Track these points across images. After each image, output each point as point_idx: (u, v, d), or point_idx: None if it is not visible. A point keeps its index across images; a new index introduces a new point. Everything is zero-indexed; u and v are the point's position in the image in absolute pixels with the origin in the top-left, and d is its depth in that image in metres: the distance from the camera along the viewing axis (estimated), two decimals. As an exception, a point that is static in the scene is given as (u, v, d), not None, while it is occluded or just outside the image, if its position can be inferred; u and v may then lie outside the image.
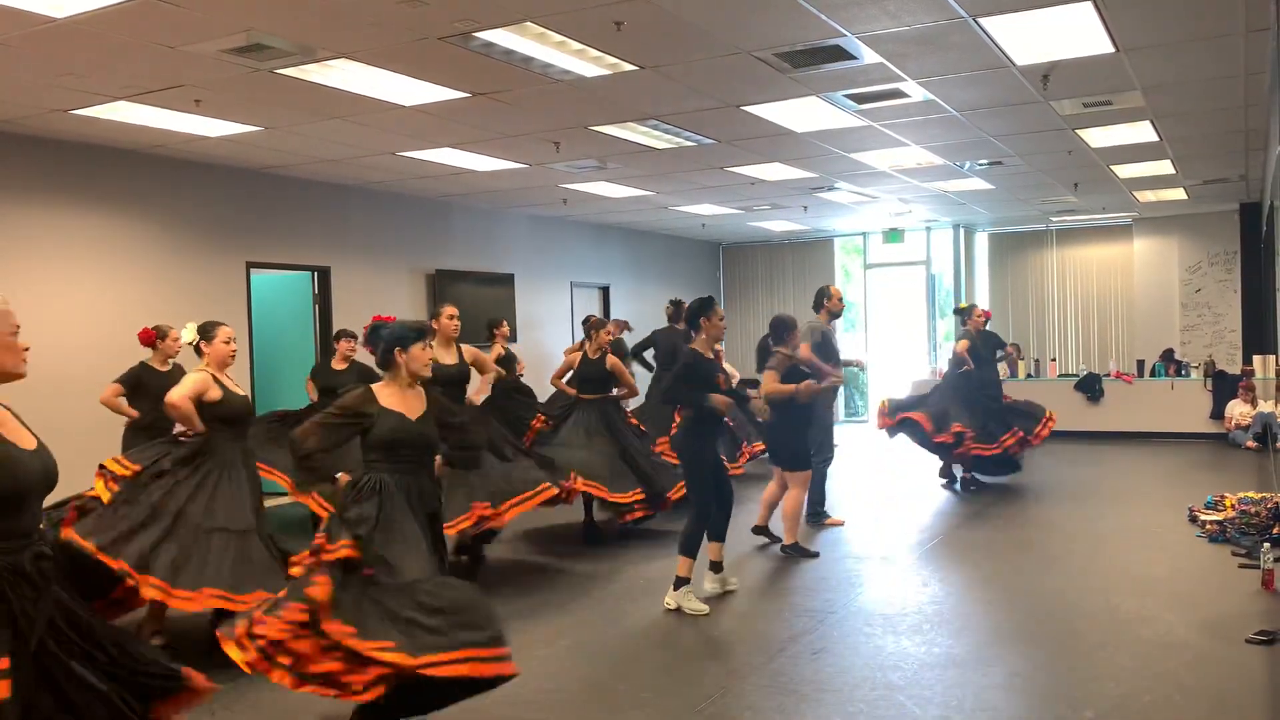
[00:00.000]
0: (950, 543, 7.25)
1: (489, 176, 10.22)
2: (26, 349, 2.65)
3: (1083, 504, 8.48)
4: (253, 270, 9.68)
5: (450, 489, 5.33)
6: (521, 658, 4.45)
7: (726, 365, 7.81)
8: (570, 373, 7.89)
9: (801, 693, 4.32)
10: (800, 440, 6.86)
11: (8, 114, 7.17)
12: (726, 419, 6.68)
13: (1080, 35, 6.07)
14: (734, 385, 7.20)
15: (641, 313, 14.42)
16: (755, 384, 7.42)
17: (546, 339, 13.51)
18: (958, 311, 10.04)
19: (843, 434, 12.09)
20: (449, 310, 6.55)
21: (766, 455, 8.01)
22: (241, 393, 5.28)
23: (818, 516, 7.91)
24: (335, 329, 10.24)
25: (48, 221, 7.95)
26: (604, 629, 5.33)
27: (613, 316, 11.79)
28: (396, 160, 9.33)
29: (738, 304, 17.90)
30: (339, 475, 4.02)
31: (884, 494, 8.81)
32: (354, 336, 8.17)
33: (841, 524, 7.90)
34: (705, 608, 5.56)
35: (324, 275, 10.44)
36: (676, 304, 9.80)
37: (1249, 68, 6.85)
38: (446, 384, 6.24)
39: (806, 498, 7.10)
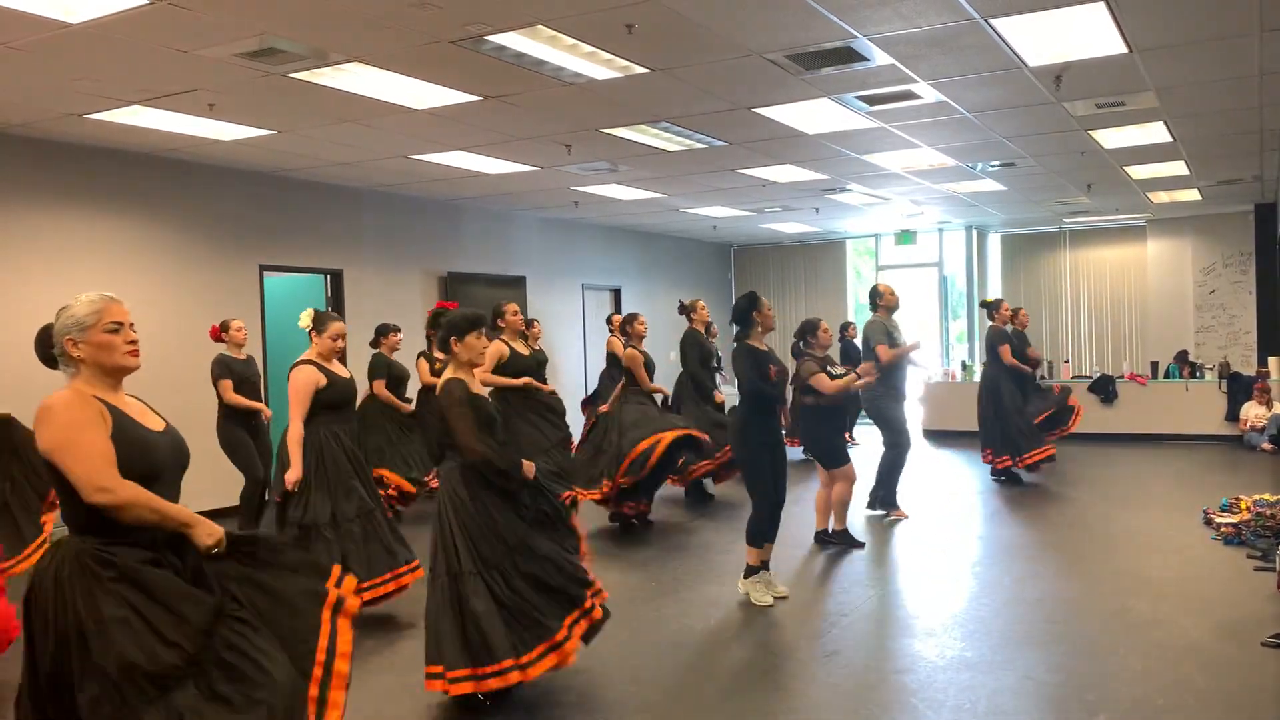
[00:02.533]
0: (964, 545, 7.22)
1: (501, 179, 10.24)
2: (133, 341, 2.76)
3: (1096, 506, 8.45)
4: (266, 273, 9.72)
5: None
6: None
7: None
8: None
9: (815, 695, 4.31)
10: (835, 438, 6.98)
11: (22, 118, 7.22)
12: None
13: (1093, 36, 6.04)
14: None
15: (653, 314, 14.43)
16: None
17: (557, 341, 13.52)
18: (984, 305, 10.07)
19: (859, 435, 12.08)
20: (511, 307, 7.07)
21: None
22: (347, 375, 5.49)
23: (889, 504, 8.14)
24: (347, 328, 10.30)
25: (62, 225, 8.00)
26: (614, 630, 5.32)
27: (614, 315, 11.82)
28: (409, 163, 9.36)
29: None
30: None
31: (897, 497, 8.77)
32: (399, 330, 8.62)
33: (906, 516, 8.08)
34: (769, 600, 5.65)
35: (337, 278, 10.48)
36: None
37: (1264, 68, 6.82)
38: (526, 375, 7.08)
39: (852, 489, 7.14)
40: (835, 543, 7.04)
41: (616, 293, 15.11)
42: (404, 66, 6.24)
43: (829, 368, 6.85)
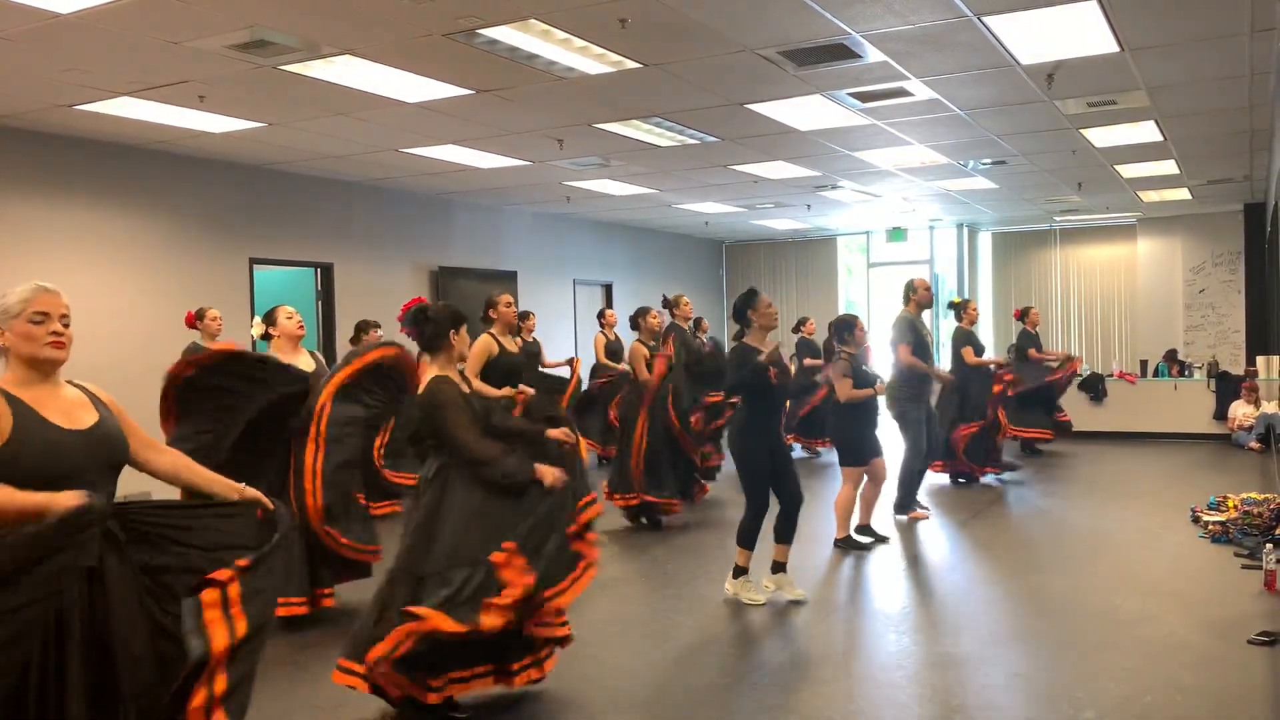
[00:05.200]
0: (952, 541, 7.24)
1: (492, 173, 10.22)
2: (55, 333, 2.63)
3: (1085, 504, 8.48)
4: (256, 266, 9.69)
5: None
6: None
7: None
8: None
9: (802, 691, 4.32)
10: (856, 436, 6.81)
11: (11, 109, 7.18)
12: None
13: (1085, 34, 6.06)
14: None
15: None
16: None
17: (548, 336, 13.49)
18: (951, 305, 9.98)
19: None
20: (505, 298, 6.62)
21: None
22: (310, 369, 5.33)
23: (906, 507, 7.96)
24: (338, 324, 10.29)
25: (51, 217, 7.96)
26: (605, 625, 5.33)
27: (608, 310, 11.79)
28: (400, 157, 9.33)
29: (740, 302, 17.88)
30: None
31: (886, 494, 8.78)
32: (379, 326, 8.39)
33: (926, 516, 7.95)
34: (761, 599, 5.52)
35: (327, 271, 10.45)
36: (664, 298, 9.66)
37: (1254, 68, 6.84)
38: (512, 373, 6.49)
39: (859, 493, 6.97)
40: (859, 538, 6.95)
41: (608, 288, 15.11)
42: (396, 59, 6.22)
43: (863, 367, 6.84)
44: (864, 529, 7.06)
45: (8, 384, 2.61)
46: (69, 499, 2.42)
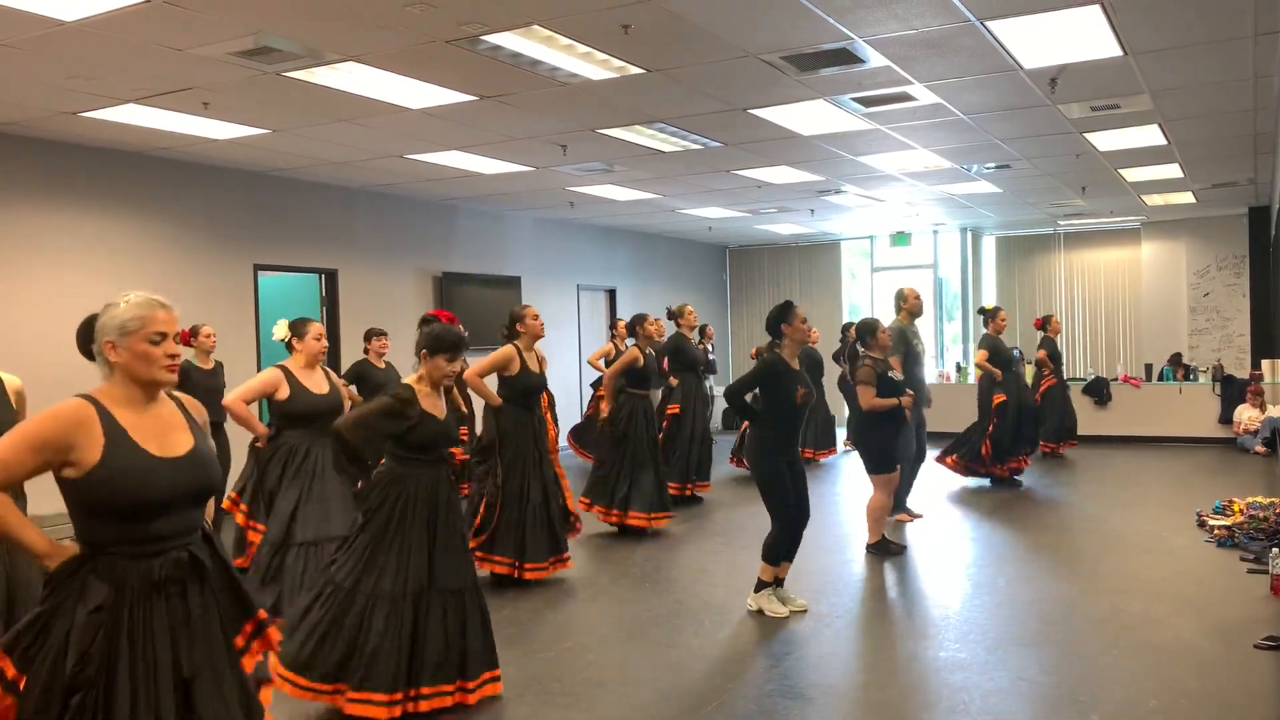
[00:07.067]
0: (957, 547, 7.23)
1: (496, 179, 10.24)
2: (173, 355, 2.50)
3: (1090, 508, 8.46)
4: (260, 272, 9.71)
5: None
6: (526, 656, 4.46)
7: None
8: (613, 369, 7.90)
9: (808, 696, 4.31)
10: (883, 444, 6.85)
11: (16, 116, 7.20)
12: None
13: (1088, 38, 6.05)
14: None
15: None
16: None
17: (551, 341, 13.50)
18: (981, 312, 10.04)
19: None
20: (531, 311, 6.27)
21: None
22: (322, 391, 5.28)
23: (897, 509, 7.99)
24: (342, 331, 10.30)
25: (56, 223, 7.98)
26: (607, 630, 5.33)
27: (619, 319, 11.83)
28: (404, 163, 9.35)
29: (744, 308, 17.91)
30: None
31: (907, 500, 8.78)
32: (383, 334, 8.39)
33: (915, 518, 8.07)
34: (785, 610, 5.46)
35: (331, 277, 10.46)
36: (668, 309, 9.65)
37: (1258, 71, 6.83)
38: (529, 393, 6.21)
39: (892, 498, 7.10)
40: (876, 552, 6.90)
41: (611, 293, 15.11)
42: (399, 66, 6.23)
43: (889, 374, 6.82)
44: (879, 544, 6.97)
45: (106, 400, 2.45)
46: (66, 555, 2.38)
